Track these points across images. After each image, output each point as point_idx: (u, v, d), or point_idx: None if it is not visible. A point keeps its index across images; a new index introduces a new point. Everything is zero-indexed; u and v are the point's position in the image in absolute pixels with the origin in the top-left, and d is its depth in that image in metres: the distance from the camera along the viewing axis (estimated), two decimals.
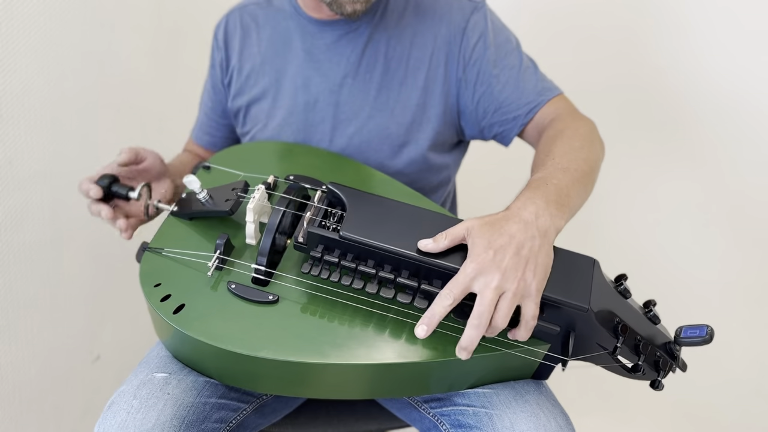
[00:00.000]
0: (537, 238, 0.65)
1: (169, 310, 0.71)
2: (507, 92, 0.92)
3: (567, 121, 0.88)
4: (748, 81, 1.27)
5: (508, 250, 0.63)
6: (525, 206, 0.68)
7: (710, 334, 0.67)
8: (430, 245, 0.67)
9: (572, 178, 0.74)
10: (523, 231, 0.65)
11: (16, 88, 1.03)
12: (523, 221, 0.66)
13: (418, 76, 0.95)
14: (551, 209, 0.68)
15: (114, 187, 0.84)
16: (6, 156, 1.03)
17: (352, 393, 0.75)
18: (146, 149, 0.90)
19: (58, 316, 1.21)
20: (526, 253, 0.64)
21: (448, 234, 0.67)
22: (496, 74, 0.92)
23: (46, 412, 1.22)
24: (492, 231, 0.65)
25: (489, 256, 0.63)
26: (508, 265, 0.63)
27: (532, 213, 0.67)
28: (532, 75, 0.94)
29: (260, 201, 0.78)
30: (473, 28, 0.94)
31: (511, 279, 0.62)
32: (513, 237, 0.64)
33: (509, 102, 0.92)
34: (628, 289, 0.69)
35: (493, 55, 0.93)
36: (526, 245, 0.64)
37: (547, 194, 0.70)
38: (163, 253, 0.78)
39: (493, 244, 0.64)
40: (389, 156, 0.96)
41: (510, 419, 0.69)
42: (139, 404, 0.69)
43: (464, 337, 0.63)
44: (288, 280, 0.74)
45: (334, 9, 0.88)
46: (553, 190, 0.71)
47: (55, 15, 1.10)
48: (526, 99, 0.92)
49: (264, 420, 0.87)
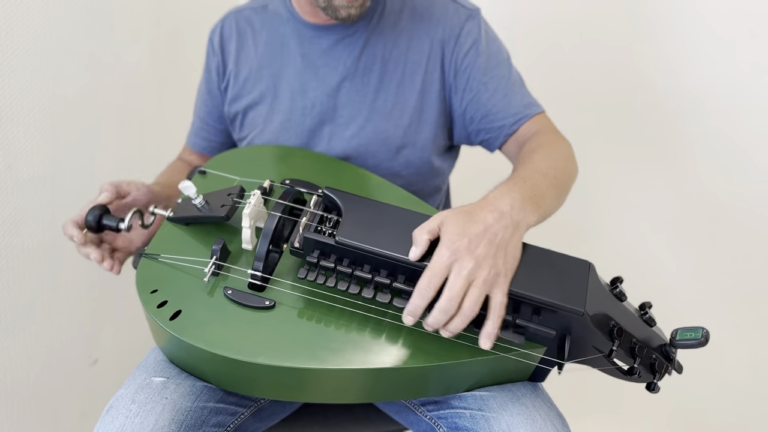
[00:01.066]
0: (510, 228, 0.67)
1: (165, 317, 0.71)
2: (494, 101, 0.94)
3: (549, 136, 0.90)
4: (739, 90, 1.28)
5: (482, 238, 0.65)
6: (501, 197, 0.69)
7: (705, 337, 0.67)
8: (417, 252, 0.67)
9: (549, 184, 0.77)
10: (498, 220, 0.66)
11: (15, 92, 1.03)
12: (499, 211, 0.67)
13: (415, 80, 0.95)
14: (526, 204, 0.70)
15: (104, 219, 0.82)
16: (5, 160, 1.03)
17: (349, 397, 0.75)
18: (128, 183, 0.88)
19: (56, 319, 1.22)
20: (498, 242, 0.65)
21: (424, 228, 0.67)
22: (485, 82, 0.94)
23: (45, 416, 1.22)
24: (467, 219, 0.66)
25: (464, 243, 0.64)
26: (481, 252, 0.64)
27: (508, 204, 0.68)
28: (520, 89, 0.96)
29: (256, 206, 0.78)
30: (467, 35, 0.95)
31: (484, 266, 0.64)
32: (488, 225, 0.66)
33: (496, 111, 0.94)
34: (623, 292, 0.70)
35: (483, 64, 0.94)
36: (500, 234, 0.66)
37: (524, 190, 0.72)
38: (159, 259, 0.78)
39: (467, 231, 0.65)
40: (387, 158, 0.97)
41: (507, 422, 0.70)
42: (137, 408, 0.69)
43: (430, 319, 0.65)
44: (284, 285, 0.74)
45: (329, 14, 0.89)
46: (530, 188, 0.73)
47: (55, 19, 1.10)
48: (513, 110, 0.93)
49: (262, 424, 0.87)
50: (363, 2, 0.88)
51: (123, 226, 0.81)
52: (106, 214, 0.82)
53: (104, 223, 0.82)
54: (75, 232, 0.82)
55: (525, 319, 0.68)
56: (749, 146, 1.30)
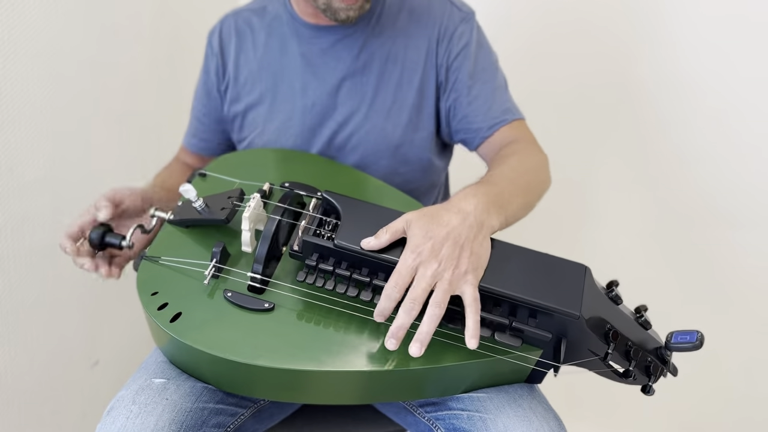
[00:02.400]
0: (474, 228, 0.68)
1: (166, 319, 0.72)
2: (475, 105, 0.96)
3: (524, 145, 0.92)
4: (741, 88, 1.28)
5: (446, 240, 0.66)
6: (466, 198, 0.71)
7: (700, 340, 0.68)
8: (372, 242, 0.69)
9: (516, 190, 0.78)
10: (463, 221, 0.68)
11: (16, 95, 1.04)
12: (462, 212, 0.69)
13: (414, 79, 0.97)
14: (490, 207, 0.71)
15: (107, 237, 0.84)
16: (7, 162, 1.03)
17: (347, 399, 0.76)
18: (121, 189, 0.88)
19: (57, 321, 1.22)
20: (462, 242, 0.66)
21: (389, 228, 0.69)
22: (469, 85, 0.96)
23: (45, 417, 1.22)
24: (431, 221, 0.68)
25: (428, 246, 0.66)
26: (445, 253, 0.65)
27: (472, 205, 0.69)
28: (502, 94, 0.98)
29: (256, 209, 0.79)
30: (459, 36, 0.97)
31: (448, 267, 0.65)
32: (452, 227, 0.67)
33: (475, 114, 0.96)
34: (619, 295, 0.70)
35: (471, 67, 0.96)
36: (464, 234, 0.67)
37: (490, 194, 0.73)
38: (159, 261, 0.79)
39: (431, 233, 0.66)
40: (386, 156, 0.98)
41: (504, 423, 0.70)
42: (138, 409, 0.70)
43: (396, 320, 0.66)
44: (283, 288, 0.75)
45: (329, 15, 0.90)
46: (496, 192, 0.74)
47: (56, 22, 1.10)
48: (492, 115, 0.95)
49: (261, 425, 0.88)
50: (362, 4, 0.89)
51: (125, 243, 0.83)
52: (109, 233, 0.84)
53: (107, 241, 0.84)
54: (68, 244, 0.84)
55: (521, 322, 0.68)
56: (745, 148, 1.30)
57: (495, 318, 0.69)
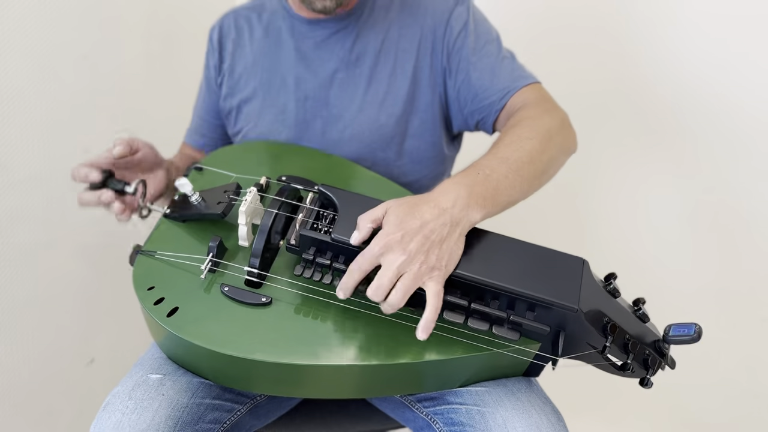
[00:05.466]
0: (448, 226, 0.67)
1: (162, 314, 0.71)
2: (483, 79, 0.93)
3: (531, 110, 0.86)
4: (739, 87, 1.29)
5: (417, 233, 0.65)
6: (446, 191, 0.69)
7: (698, 333, 0.68)
8: (356, 235, 0.68)
9: (508, 170, 0.74)
10: (437, 217, 0.67)
11: (9, 91, 1.03)
12: (439, 207, 0.68)
13: (407, 67, 0.97)
14: (471, 201, 0.69)
15: (109, 182, 0.84)
16: (0, 159, 1.03)
17: (345, 393, 0.76)
18: (140, 140, 0.90)
19: (51, 319, 1.22)
20: (434, 238, 0.66)
21: (368, 217, 0.68)
22: (474, 62, 0.94)
23: (39, 415, 1.22)
24: (406, 212, 0.67)
25: (397, 237, 0.65)
26: (414, 248, 0.65)
27: (450, 200, 0.68)
28: (509, 64, 0.95)
29: (252, 203, 0.78)
30: (457, 18, 0.96)
31: (415, 262, 0.65)
32: (425, 222, 0.66)
33: (485, 88, 0.93)
34: (617, 288, 0.70)
35: (472, 44, 0.95)
36: (436, 231, 0.66)
37: (473, 184, 0.71)
38: (156, 255, 0.78)
39: (403, 224, 0.66)
40: (381, 148, 0.98)
41: (502, 416, 0.70)
42: (134, 405, 0.69)
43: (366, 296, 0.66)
44: (281, 282, 0.74)
45: (306, 5, 0.92)
46: (482, 180, 0.71)
47: (49, 18, 1.10)
48: (501, 85, 0.92)
49: (258, 421, 0.87)
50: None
51: (129, 189, 0.83)
52: (111, 178, 0.84)
53: (109, 185, 0.83)
54: (91, 170, 0.82)
55: (519, 316, 0.68)
56: (748, 144, 1.30)
57: (493, 311, 0.68)
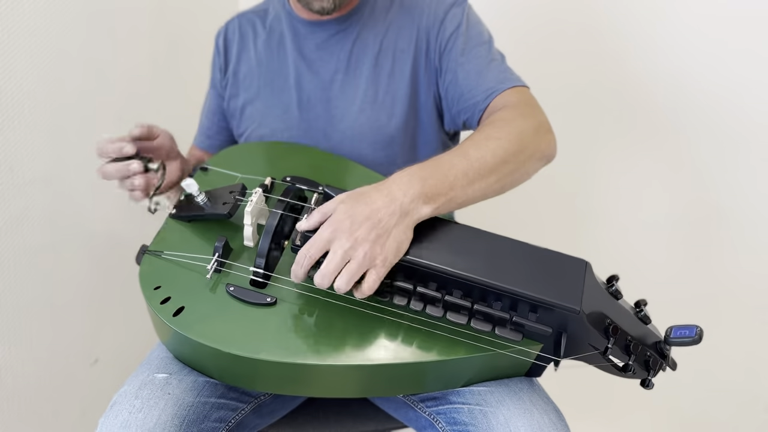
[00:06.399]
0: (396, 215, 0.68)
1: (169, 313, 0.72)
2: (470, 79, 0.93)
3: (507, 112, 0.84)
4: (736, 89, 1.29)
5: (365, 221, 0.66)
6: (399, 181, 0.70)
7: (699, 335, 0.68)
8: (303, 224, 0.70)
9: (468, 167, 0.73)
10: (387, 205, 0.68)
11: (16, 94, 1.04)
12: (390, 196, 0.68)
13: (405, 68, 0.98)
14: (421, 196, 0.69)
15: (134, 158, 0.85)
16: (7, 161, 1.04)
17: (350, 392, 0.76)
18: (159, 127, 0.92)
19: (57, 319, 1.22)
20: (381, 227, 0.67)
21: (320, 210, 0.69)
22: (462, 62, 0.94)
23: (45, 416, 1.22)
24: (357, 200, 0.68)
25: (346, 224, 0.66)
26: (360, 235, 0.66)
27: (402, 190, 0.69)
28: (498, 66, 0.94)
29: (258, 204, 0.79)
30: (451, 19, 0.97)
31: (360, 249, 0.66)
32: (374, 209, 0.67)
33: (470, 88, 0.93)
34: (619, 290, 0.71)
35: (462, 45, 0.95)
36: (384, 220, 0.67)
37: (427, 177, 0.71)
38: (162, 255, 0.79)
39: (352, 212, 0.67)
40: (382, 147, 0.99)
41: (504, 416, 0.71)
42: (140, 404, 0.70)
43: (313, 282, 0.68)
44: (285, 282, 0.75)
45: (303, 5, 0.93)
46: (439, 175, 0.71)
47: (56, 21, 1.11)
48: (486, 86, 0.91)
49: (262, 420, 0.88)
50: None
51: (153, 166, 0.85)
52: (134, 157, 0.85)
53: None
54: (129, 146, 0.84)
55: (522, 317, 0.69)
56: (747, 144, 1.31)
57: (496, 312, 0.69)
